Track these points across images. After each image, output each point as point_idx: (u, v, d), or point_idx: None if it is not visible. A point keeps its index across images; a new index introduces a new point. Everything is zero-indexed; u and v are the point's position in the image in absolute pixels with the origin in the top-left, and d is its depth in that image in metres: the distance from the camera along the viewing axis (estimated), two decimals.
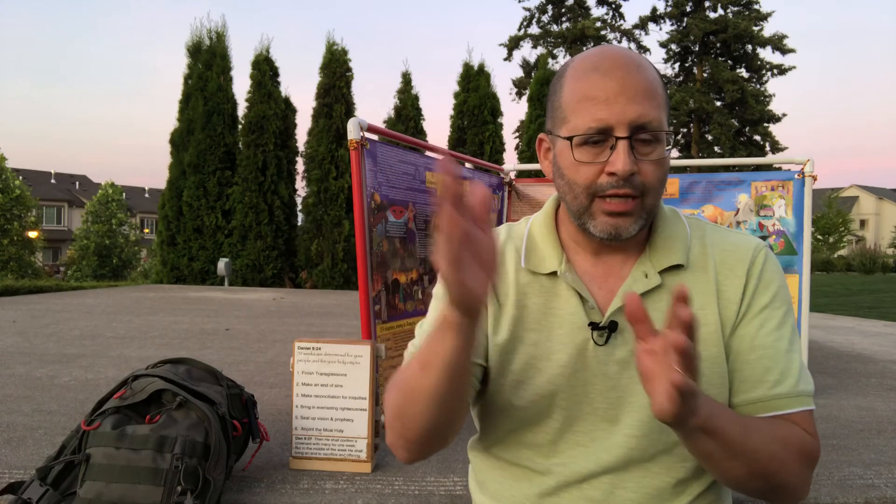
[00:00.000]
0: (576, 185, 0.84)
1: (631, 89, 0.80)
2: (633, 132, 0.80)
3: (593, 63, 0.83)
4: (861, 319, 6.84)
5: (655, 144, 0.82)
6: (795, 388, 0.84)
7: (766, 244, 0.92)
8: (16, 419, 2.19)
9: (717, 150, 26.66)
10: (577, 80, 0.84)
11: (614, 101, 0.79)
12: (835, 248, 35.50)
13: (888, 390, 3.04)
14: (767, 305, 0.87)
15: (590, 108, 0.81)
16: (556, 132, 0.87)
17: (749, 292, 0.87)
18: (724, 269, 0.89)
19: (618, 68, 0.81)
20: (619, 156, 0.79)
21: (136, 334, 4.24)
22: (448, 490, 1.65)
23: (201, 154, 10.20)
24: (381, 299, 2.09)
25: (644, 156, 0.81)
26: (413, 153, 2.39)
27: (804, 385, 0.85)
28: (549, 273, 0.91)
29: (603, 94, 0.80)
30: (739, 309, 0.87)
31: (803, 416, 0.84)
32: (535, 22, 27.99)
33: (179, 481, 1.36)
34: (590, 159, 0.82)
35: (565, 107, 0.85)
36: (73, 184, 44.42)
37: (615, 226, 0.83)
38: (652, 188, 0.82)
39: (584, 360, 0.87)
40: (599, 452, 0.88)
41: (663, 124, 0.82)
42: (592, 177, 0.82)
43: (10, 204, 22.14)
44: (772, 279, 0.89)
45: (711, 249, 0.90)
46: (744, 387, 0.85)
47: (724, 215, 3.03)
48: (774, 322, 0.87)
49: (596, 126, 0.80)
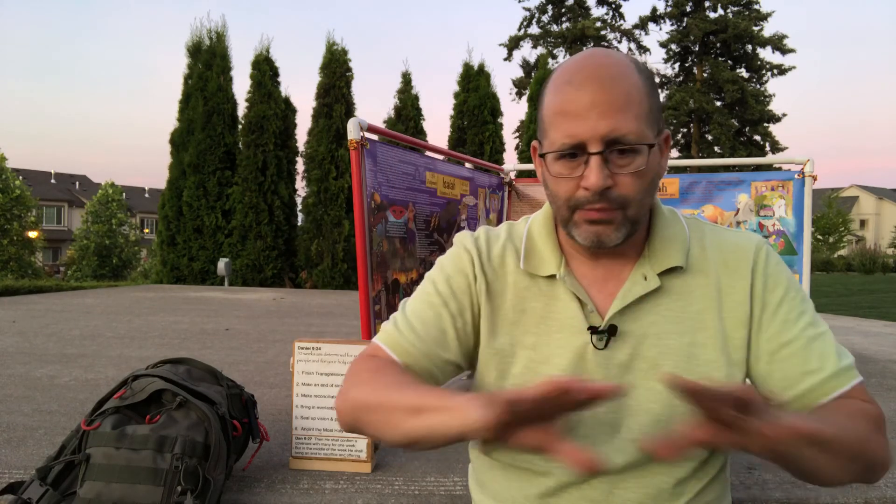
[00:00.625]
0: (557, 197, 0.84)
1: (603, 103, 0.78)
2: (606, 146, 0.79)
3: (569, 75, 0.82)
4: (861, 319, 6.84)
5: (633, 156, 0.80)
6: (838, 366, 0.84)
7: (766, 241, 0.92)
8: (16, 419, 2.19)
9: (717, 150, 26.67)
10: (555, 94, 0.83)
11: (586, 115, 0.78)
12: (835, 248, 35.49)
13: (888, 390, 3.04)
14: (783, 300, 0.87)
15: (563, 124, 0.80)
16: (541, 142, 0.87)
17: (759, 292, 0.87)
18: (726, 271, 0.88)
19: (591, 81, 0.79)
20: (592, 171, 0.78)
21: (136, 334, 4.24)
22: (448, 490, 1.65)
23: (201, 154, 10.20)
24: (381, 299, 2.09)
25: (621, 168, 0.80)
26: (413, 153, 2.39)
27: (845, 360, 0.85)
28: (548, 276, 0.90)
29: (574, 108, 0.79)
30: (751, 310, 0.87)
31: (857, 390, 0.84)
32: (535, 22, 28.01)
33: (179, 481, 1.36)
34: (567, 173, 0.82)
35: (545, 119, 0.85)
36: (73, 184, 44.40)
37: (596, 233, 0.83)
38: (632, 200, 0.81)
39: (583, 364, 0.87)
40: (600, 456, 0.87)
41: (642, 135, 0.79)
42: (570, 191, 0.82)
43: (10, 204, 22.12)
44: (779, 273, 0.89)
45: (711, 251, 0.90)
46: (789, 384, 0.85)
47: (724, 215, 3.03)
48: (795, 313, 0.87)
49: (569, 142, 0.80)
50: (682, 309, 0.87)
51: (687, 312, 0.87)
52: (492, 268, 0.94)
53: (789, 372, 0.85)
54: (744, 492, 1.65)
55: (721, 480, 0.94)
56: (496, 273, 0.94)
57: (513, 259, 0.94)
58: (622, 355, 0.86)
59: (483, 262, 0.94)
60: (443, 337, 0.91)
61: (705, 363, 0.86)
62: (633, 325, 0.87)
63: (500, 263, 0.94)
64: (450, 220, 2.61)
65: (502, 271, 0.93)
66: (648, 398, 0.86)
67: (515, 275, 0.93)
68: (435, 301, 0.92)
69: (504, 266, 0.94)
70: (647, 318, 0.87)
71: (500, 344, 0.91)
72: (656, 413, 0.85)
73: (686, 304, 0.87)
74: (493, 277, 0.93)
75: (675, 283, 0.88)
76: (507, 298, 0.92)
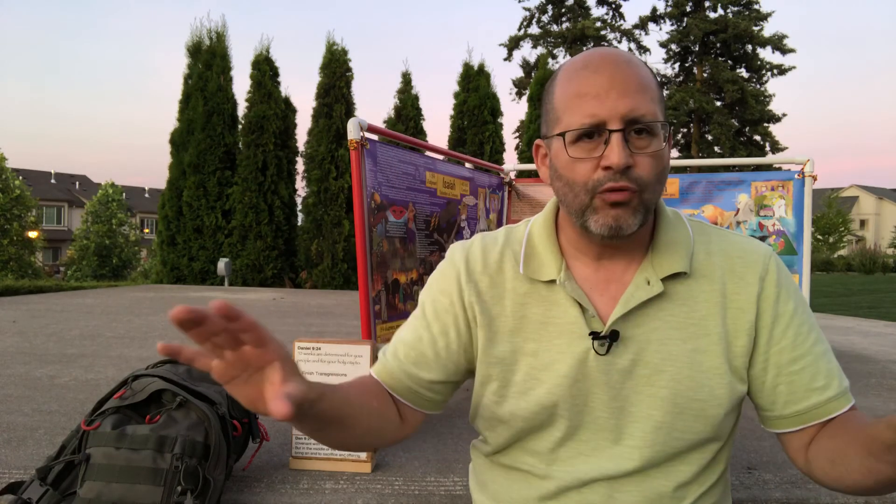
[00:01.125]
0: (574, 183, 0.82)
1: (621, 83, 0.79)
2: (626, 125, 0.79)
3: (583, 62, 0.83)
4: (861, 319, 6.84)
5: (651, 137, 0.80)
6: (841, 387, 0.86)
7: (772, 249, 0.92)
8: (16, 419, 2.19)
9: (717, 150, 26.67)
10: (569, 81, 0.83)
11: (605, 95, 0.79)
12: (835, 248, 35.47)
13: (888, 390, 3.04)
14: (795, 312, 0.87)
15: (581, 105, 0.80)
16: (550, 134, 0.86)
17: (769, 302, 0.87)
18: (732, 277, 0.88)
19: (608, 64, 0.80)
20: (614, 149, 0.78)
21: (136, 334, 4.24)
22: (448, 490, 1.65)
23: (201, 154, 10.19)
24: (381, 299, 2.09)
25: (640, 149, 0.80)
26: (413, 153, 2.39)
27: (845, 382, 0.87)
28: (548, 281, 0.89)
29: (594, 90, 0.80)
30: (756, 319, 0.86)
31: (852, 412, 0.86)
32: (535, 22, 28.01)
33: (179, 481, 1.36)
34: (584, 155, 0.81)
35: (558, 107, 0.84)
36: (73, 184, 44.40)
37: (616, 217, 0.81)
38: (649, 183, 0.81)
39: (585, 370, 0.86)
40: (601, 461, 0.87)
41: (658, 116, 0.80)
42: (589, 173, 0.81)
43: (10, 204, 22.12)
44: (790, 285, 0.89)
45: (717, 257, 0.89)
46: (794, 398, 0.86)
47: (724, 215, 3.03)
48: (806, 327, 0.87)
49: (589, 121, 0.79)
50: (686, 315, 0.86)
51: (690, 318, 0.86)
52: (486, 277, 0.93)
53: (797, 386, 0.86)
54: (744, 492, 1.65)
55: (722, 484, 0.94)
56: (493, 280, 0.92)
57: (511, 264, 0.93)
58: (624, 361, 0.85)
59: (473, 274, 0.93)
60: (422, 358, 0.93)
61: (707, 370, 0.85)
62: (635, 331, 0.86)
63: (498, 270, 0.93)
64: (450, 220, 2.61)
65: (500, 278, 0.92)
66: (650, 404, 0.85)
67: (514, 280, 0.92)
68: (418, 325, 0.95)
69: (502, 273, 0.92)
70: (650, 324, 0.86)
71: (501, 352, 0.90)
72: (657, 419, 0.85)
73: (690, 309, 0.86)
74: (488, 287, 0.92)
75: (679, 289, 0.87)
76: (507, 305, 0.91)
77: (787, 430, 0.88)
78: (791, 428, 0.87)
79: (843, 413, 0.85)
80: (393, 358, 0.95)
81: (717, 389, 0.85)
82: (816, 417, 0.85)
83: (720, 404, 0.85)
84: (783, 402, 0.86)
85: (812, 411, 0.85)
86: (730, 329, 0.86)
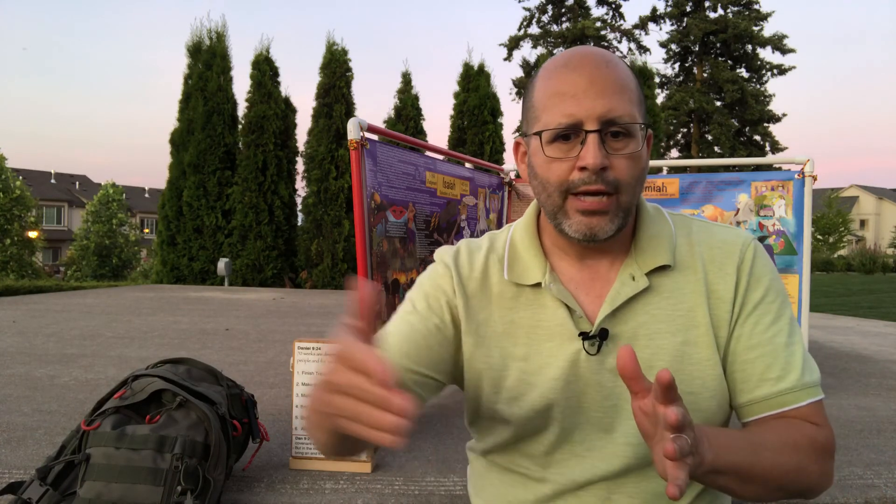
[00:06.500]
0: (548, 183, 0.82)
1: (599, 83, 0.78)
2: (603, 126, 0.78)
3: (564, 60, 0.83)
4: (861, 319, 6.85)
5: (628, 139, 0.80)
6: (800, 381, 0.82)
7: (756, 237, 0.90)
8: (16, 419, 2.19)
9: (717, 150, 26.66)
10: (549, 78, 0.83)
11: (583, 95, 0.78)
12: (835, 248, 35.47)
13: (888, 390, 3.04)
14: (760, 301, 0.86)
15: (559, 104, 0.80)
16: (529, 132, 0.86)
17: (741, 290, 0.86)
18: (713, 268, 0.87)
19: (587, 64, 0.80)
20: (589, 150, 0.77)
21: (136, 334, 4.24)
22: (448, 490, 1.65)
23: (201, 154, 10.20)
24: (381, 299, 2.09)
25: (616, 151, 0.79)
26: (413, 153, 2.39)
27: (808, 376, 0.83)
28: (534, 284, 0.88)
29: (572, 90, 0.79)
30: (733, 308, 0.85)
31: (812, 408, 0.82)
32: (535, 22, 27.98)
33: (179, 481, 1.36)
34: (561, 155, 0.80)
35: (537, 105, 0.84)
36: (73, 184, 44.40)
37: (589, 225, 0.80)
38: (626, 184, 0.80)
39: (576, 371, 0.85)
40: (596, 462, 0.87)
41: (635, 118, 0.80)
42: (564, 173, 0.80)
43: (10, 204, 22.12)
44: (762, 273, 0.87)
45: (699, 247, 0.88)
46: (747, 387, 0.84)
47: (724, 215, 3.03)
48: (769, 317, 0.85)
49: (566, 121, 0.79)
50: (673, 307, 0.86)
51: (678, 311, 0.86)
52: (473, 282, 0.92)
53: (749, 375, 0.84)
54: None
55: None
56: (479, 286, 0.91)
57: (496, 270, 0.92)
58: (614, 359, 0.84)
59: (462, 277, 0.92)
60: (412, 349, 0.88)
61: (697, 362, 0.84)
62: (623, 327, 0.85)
63: (483, 276, 0.92)
64: (450, 220, 2.61)
65: (485, 284, 0.91)
66: None
67: (500, 286, 0.91)
68: (410, 318, 0.90)
69: (487, 279, 0.92)
70: (638, 319, 0.85)
71: (491, 358, 0.89)
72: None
73: (676, 301, 0.86)
74: (475, 291, 0.91)
75: (664, 282, 0.86)
76: (493, 311, 0.90)
77: (743, 420, 0.86)
78: (746, 418, 0.85)
79: (800, 407, 0.82)
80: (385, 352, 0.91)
81: (708, 381, 0.84)
82: (767, 409, 0.82)
83: (712, 396, 0.84)
84: (737, 391, 0.85)
85: (764, 402, 0.83)
86: (714, 319, 0.85)
